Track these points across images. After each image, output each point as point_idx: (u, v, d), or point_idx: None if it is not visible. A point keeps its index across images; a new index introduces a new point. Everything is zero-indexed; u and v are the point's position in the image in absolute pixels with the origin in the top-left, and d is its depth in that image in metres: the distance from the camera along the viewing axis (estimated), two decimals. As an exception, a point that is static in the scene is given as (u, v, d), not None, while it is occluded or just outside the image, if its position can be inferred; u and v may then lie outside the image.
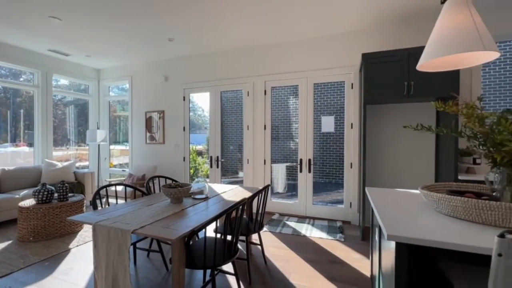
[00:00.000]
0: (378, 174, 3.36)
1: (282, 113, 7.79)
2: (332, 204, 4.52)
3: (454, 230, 1.04)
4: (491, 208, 1.05)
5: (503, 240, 0.79)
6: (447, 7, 1.25)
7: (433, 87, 2.63)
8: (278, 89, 7.32)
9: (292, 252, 2.61)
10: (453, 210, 1.18)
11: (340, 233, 3.10)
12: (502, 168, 1.21)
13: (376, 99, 2.90)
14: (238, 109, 8.25)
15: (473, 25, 1.17)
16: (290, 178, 5.64)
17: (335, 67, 3.58)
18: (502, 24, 2.87)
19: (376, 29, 3.36)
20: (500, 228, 1.06)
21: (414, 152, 3.21)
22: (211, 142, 4.49)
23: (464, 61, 1.32)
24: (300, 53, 3.79)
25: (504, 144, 1.14)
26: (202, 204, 2.08)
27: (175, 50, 4.29)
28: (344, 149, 3.62)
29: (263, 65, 4.03)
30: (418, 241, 0.93)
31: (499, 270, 0.80)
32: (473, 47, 1.11)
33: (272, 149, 4.15)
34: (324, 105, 6.92)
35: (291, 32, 3.52)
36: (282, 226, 3.37)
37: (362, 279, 2.10)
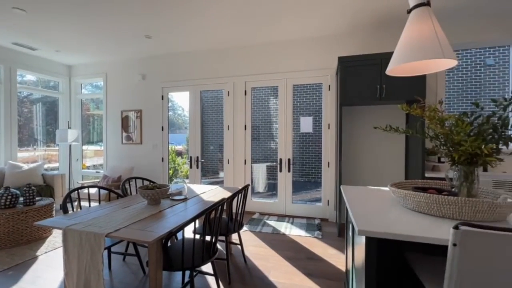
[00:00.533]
0: (353, 173, 3.51)
1: (263, 114, 7.86)
2: (311, 202, 4.64)
3: (418, 223, 1.12)
4: (449, 203, 1.15)
5: (457, 231, 0.87)
6: (412, 17, 1.35)
7: (403, 90, 2.80)
8: (259, 90, 7.36)
9: (271, 250, 2.65)
10: (418, 205, 1.27)
11: (318, 230, 3.20)
12: (460, 166, 1.32)
13: (351, 101, 3.03)
14: (218, 109, 8.19)
15: (435, 35, 1.27)
16: (270, 177, 5.71)
17: (313, 69, 3.69)
18: (462, 34, 3.11)
19: (352, 34, 3.51)
20: (457, 220, 1.16)
21: (386, 151, 3.38)
22: (191, 142, 4.43)
23: (427, 67, 1.43)
24: (280, 54, 3.85)
25: (461, 144, 1.25)
26: (181, 205, 2.06)
27: (153, 48, 4.18)
28: (322, 149, 3.74)
29: (244, 65, 4.04)
30: (386, 235, 1.00)
31: (454, 259, 0.89)
32: (434, 55, 1.21)
33: (253, 149, 4.18)
34: (304, 106, 7.08)
35: (272, 34, 3.57)
36: (262, 225, 3.41)
37: (337, 273, 2.19)
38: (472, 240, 0.86)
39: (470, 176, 1.30)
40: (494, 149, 1.22)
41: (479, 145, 1.21)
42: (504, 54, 4.98)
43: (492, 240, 0.84)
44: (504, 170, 2.96)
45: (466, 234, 0.86)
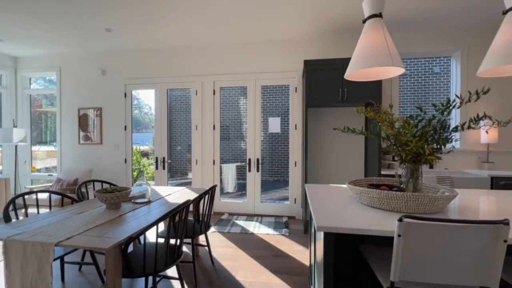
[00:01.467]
0: (318, 172, 3.67)
1: (232, 114, 7.84)
2: (280, 201, 4.75)
3: (371, 218, 1.22)
4: (397, 198, 1.26)
5: (401, 223, 0.96)
6: (367, 26, 1.46)
7: (362, 94, 3.01)
8: (229, 89, 7.32)
9: (239, 250, 2.66)
10: (371, 201, 1.38)
11: (285, 228, 3.29)
12: (407, 164, 1.46)
13: (316, 103, 3.16)
14: (186, 108, 7.98)
15: (385, 44, 1.38)
16: (240, 177, 5.72)
17: (281, 71, 3.78)
18: (411, 44, 3.44)
19: (317, 39, 3.66)
20: (404, 213, 1.28)
21: (348, 150, 3.60)
22: (157, 142, 4.25)
23: (379, 74, 1.55)
24: (249, 55, 3.88)
25: (408, 144, 1.39)
26: (144, 208, 1.97)
27: (114, 42, 3.93)
28: (289, 148, 3.85)
29: (212, 64, 4.00)
30: (341, 230, 1.07)
31: (399, 248, 0.98)
32: (384, 62, 1.32)
33: (222, 149, 4.15)
34: (272, 106, 7.21)
35: (240, 34, 3.58)
36: (231, 226, 3.40)
37: (302, 268, 2.28)
38: (413, 231, 0.96)
39: (415, 173, 1.44)
40: (434, 149, 1.37)
41: (422, 145, 1.35)
42: (447, 63, 5.60)
43: (429, 229, 0.95)
44: (446, 166, 3.33)
45: (409, 225, 0.96)
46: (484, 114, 1.31)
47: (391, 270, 1.00)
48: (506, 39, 1.30)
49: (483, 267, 0.95)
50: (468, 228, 0.92)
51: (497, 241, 0.93)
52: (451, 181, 2.80)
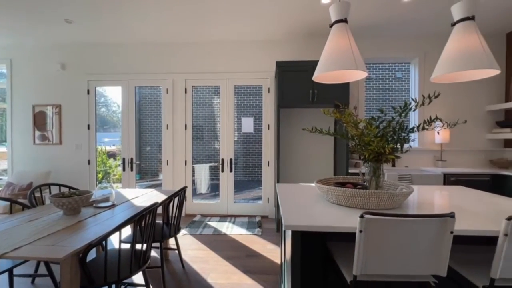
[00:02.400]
0: (290, 171, 3.74)
1: (206, 113, 7.70)
2: (253, 200, 4.77)
3: (337, 215, 1.26)
4: (360, 195, 1.33)
5: (362, 219, 1.01)
6: (333, 31, 1.51)
7: (331, 95, 3.12)
8: (202, 88, 7.17)
9: (211, 252, 2.62)
10: (337, 198, 1.44)
11: (258, 228, 3.30)
12: (370, 162, 1.54)
13: (288, 103, 3.22)
14: (157, 107, 7.67)
15: (350, 49, 1.45)
16: (214, 178, 5.64)
17: (254, 71, 3.79)
18: (375, 50, 3.65)
19: (290, 40, 3.73)
20: (367, 210, 1.35)
21: (318, 150, 3.71)
22: (124, 142, 4.03)
23: (344, 77, 1.62)
24: (222, 54, 3.83)
25: (370, 144, 1.46)
26: (107, 212, 1.85)
27: (76, 35, 3.64)
28: (262, 148, 3.87)
29: (184, 62, 3.88)
30: (307, 228, 1.09)
31: (361, 242, 1.03)
32: (349, 66, 1.38)
33: (195, 150, 4.05)
34: (246, 106, 7.21)
35: (213, 33, 3.52)
36: (203, 227, 3.34)
37: (274, 267, 2.30)
38: (373, 226, 1.02)
39: (377, 171, 1.52)
40: (393, 148, 1.46)
41: (383, 145, 1.43)
42: (408, 69, 6.04)
43: (387, 224, 1.01)
44: (406, 165, 3.59)
45: (369, 221, 1.01)
46: (436, 117, 1.43)
47: (353, 265, 1.05)
48: (454, 49, 1.43)
49: (434, 257, 1.04)
50: (421, 222, 1.00)
51: (445, 232, 1.01)
52: (410, 178, 3.02)
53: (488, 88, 3.56)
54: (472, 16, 1.44)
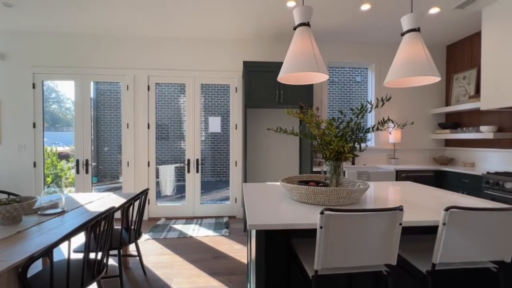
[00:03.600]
0: (258, 170, 3.77)
1: (172, 112, 7.39)
2: (221, 201, 4.71)
3: (300, 212, 1.30)
4: (321, 192, 1.39)
5: (322, 216, 1.05)
6: (296, 34, 1.56)
7: (296, 96, 3.22)
8: (168, 86, 6.89)
9: (176, 256, 2.53)
10: (300, 196, 1.48)
11: (225, 228, 3.27)
12: (331, 161, 1.62)
13: (255, 103, 3.24)
14: (117, 104, 7.16)
15: (312, 52, 1.50)
16: (181, 179, 5.44)
17: (221, 70, 3.74)
18: (337, 55, 3.86)
19: (257, 41, 3.76)
20: (328, 206, 1.42)
21: (285, 150, 3.81)
22: (78, 142, 3.69)
23: (306, 79, 1.68)
24: (188, 52, 3.71)
25: (331, 143, 1.54)
26: (55, 220, 1.67)
27: (18, 21, 3.23)
28: (230, 148, 3.85)
29: (147, 58, 3.68)
30: (270, 226, 1.11)
31: (321, 238, 1.07)
32: (310, 68, 1.43)
33: (160, 150, 3.87)
34: (214, 105, 7.10)
35: (179, 29, 3.40)
36: (168, 231, 3.20)
37: (240, 267, 2.30)
38: (332, 222, 1.06)
39: (337, 169, 1.61)
40: (352, 148, 1.55)
41: (343, 144, 1.51)
42: (366, 74, 6.51)
43: (345, 219, 1.07)
44: (364, 163, 3.86)
45: (329, 217, 1.06)
46: (388, 118, 1.55)
47: (315, 260, 1.09)
48: (402, 57, 1.57)
49: (385, 247, 1.12)
50: (374, 216, 1.08)
51: (395, 224, 1.10)
52: (367, 175, 3.25)
53: (432, 94, 3.99)
54: (418, 28, 1.59)
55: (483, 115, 3.40)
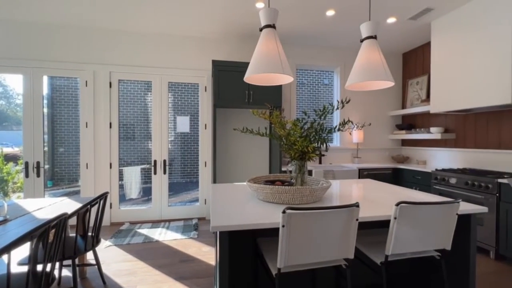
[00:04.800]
0: (228, 171, 3.75)
1: (138, 110, 7.03)
2: (191, 203, 4.59)
3: (265, 212, 1.31)
4: (286, 191, 1.42)
5: (284, 215, 1.08)
6: (262, 35, 1.57)
7: (265, 97, 3.26)
8: (133, 83, 6.54)
9: (140, 262, 2.40)
10: (266, 196, 1.50)
11: (194, 231, 3.20)
12: (296, 161, 1.66)
13: (224, 103, 3.21)
14: (75, 101, 6.62)
15: (277, 54, 1.53)
16: (148, 181, 5.19)
17: (190, 69, 3.65)
18: (304, 57, 3.99)
19: (227, 40, 3.73)
20: (293, 205, 1.45)
21: (255, 150, 3.83)
22: (27, 143, 3.34)
23: (272, 80, 1.71)
24: (155, 48, 3.56)
25: (295, 143, 1.58)
26: (-5, 230, 1.48)
27: (-50, 4, 2.82)
28: (199, 148, 3.77)
29: (109, 53, 3.45)
30: (233, 227, 1.10)
31: (283, 237, 1.10)
32: (276, 70, 1.46)
33: (125, 151, 3.66)
34: (184, 105, 6.90)
35: (143, 23, 3.23)
36: (132, 236, 3.03)
37: (209, 270, 2.26)
38: (294, 220, 1.09)
39: (302, 169, 1.65)
40: (315, 148, 1.61)
41: (307, 145, 1.56)
42: (332, 77, 6.83)
43: (306, 217, 1.10)
44: (330, 162, 4.04)
45: (290, 216, 1.08)
46: (348, 119, 1.63)
47: (278, 258, 1.11)
48: (362, 62, 1.67)
49: (344, 242, 1.18)
50: (333, 213, 1.13)
51: (352, 220, 1.17)
52: (333, 173, 3.40)
53: (391, 97, 4.30)
54: (375, 35, 1.70)
55: (433, 117, 3.75)
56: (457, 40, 2.92)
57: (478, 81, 2.69)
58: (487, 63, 2.60)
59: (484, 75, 2.63)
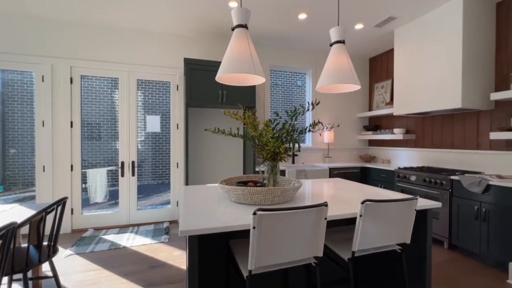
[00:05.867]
0: (201, 172, 3.67)
1: (105, 109, 6.60)
2: (162, 205, 4.42)
3: (237, 214, 1.30)
4: (257, 192, 1.42)
5: (255, 216, 1.07)
6: (234, 35, 1.55)
7: (239, 97, 3.24)
8: (99, 80, 6.13)
9: (105, 271, 2.25)
10: (238, 197, 1.48)
11: (165, 235, 3.08)
12: (268, 161, 1.67)
13: (197, 103, 3.14)
14: (31, 97, 6.04)
15: (249, 54, 1.52)
16: (115, 183, 4.89)
17: (161, 66, 3.51)
18: (278, 59, 4.05)
19: (200, 38, 3.65)
20: (265, 205, 1.46)
21: (229, 150, 3.80)
22: (-30, 144, 2.96)
23: (244, 80, 1.70)
24: (121, 43, 3.36)
25: (267, 144, 1.58)
26: None
27: None
28: (170, 149, 3.64)
29: (69, 45, 3.19)
30: (202, 231, 1.07)
31: (254, 238, 1.09)
32: (247, 70, 1.45)
33: (90, 152, 3.41)
34: (155, 103, 6.62)
35: (110, 16, 3.04)
36: (97, 243, 2.84)
37: (180, 274, 2.19)
38: (265, 221, 1.09)
39: (274, 169, 1.66)
40: (287, 148, 1.63)
41: (279, 145, 1.57)
42: (305, 79, 7.01)
43: (277, 218, 1.11)
44: (303, 161, 4.14)
45: (261, 217, 1.08)
46: (318, 121, 1.68)
47: (248, 260, 1.10)
48: (331, 66, 1.72)
49: (313, 241, 1.21)
50: (303, 212, 1.15)
51: (321, 219, 1.20)
52: (305, 173, 3.49)
53: (359, 100, 4.53)
54: (343, 40, 1.77)
55: (396, 119, 4.02)
56: (416, 48, 3.15)
57: (434, 87, 2.93)
58: (442, 71, 2.84)
59: (439, 81, 2.88)
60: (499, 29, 2.72)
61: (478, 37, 2.68)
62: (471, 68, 2.66)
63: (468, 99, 2.66)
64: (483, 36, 2.70)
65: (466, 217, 2.48)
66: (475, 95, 2.68)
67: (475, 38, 2.67)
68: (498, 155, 2.66)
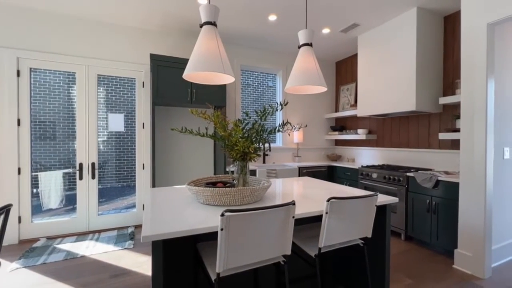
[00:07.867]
0: (169, 173, 3.53)
1: (60, 105, 6.03)
2: (126, 209, 4.16)
3: (204, 216, 1.26)
4: (226, 193, 1.40)
5: (223, 217, 1.05)
6: (202, 32, 1.51)
7: (209, 96, 3.18)
8: (53, 73, 5.59)
9: (59, 283, 2.05)
10: (206, 199, 1.45)
11: (130, 240, 2.90)
12: (238, 162, 1.66)
13: (165, 101, 3.01)
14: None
15: (218, 52, 1.49)
16: (73, 187, 4.49)
17: (124, 61, 3.30)
18: (248, 59, 4.06)
19: (166, 34, 3.50)
20: (234, 206, 1.44)
21: (199, 150, 3.70)
22: None
23: (213, 79, 1.67)
24: (79, 34, 3.09)
25: (237, 144, 1.57)
26: None
27: None
28: (135, 149, 3.45)
29: (16, 34, 2.85)
30: (166, 235, 1.02)
31: (222, 240, 1.07)
32: (216, 69, 1.42)
33: (42, 153, 3.08)
34: (120, 101, 6.21)
35: (65, 3, 2.77)
36: (50, 254, 2.58)
37: (146, 281, 2.08)
38: (233, 222, 1.08)
39: (244, 169, 1.66)
40: (256, 148, 1.63)
41: (248, 145, 1.57)
42: (275, 79, 7.13)
43: (245, 218, 1.10)
44: (273, 161, 4.20)
45: (230, 218, 1.07)
46: (287, 121, 1.71)
47: (216, 262, 1.08)
48: (299, 67, 1.76)
49: (281, 239, 1.22)
50: (271, 212, 1.15)
51: (289, 217, 1.22)
52: (276, 172, 3.54)
53: (326, 101, 4.72)
54: (311, 43, 1.83)
55: (359, 120, 4.27)
56: (377, 54, 3.37)
57: (393, 91, 3.16)
58: (399, 76, 3.08)
59: (396, 86, 3.11)
60: (446, 40, 3.03)
61: (429, 46, 2.95)
62: (423, 74, 2.92)
63: (421, 103, 2.92)
64: (433, 45, 2.99)
65: (419, 210, 2.72)
66: (426, 99, 2.95)
67: (426, 47, 2.94)
68: (446, 153, 2.96)
